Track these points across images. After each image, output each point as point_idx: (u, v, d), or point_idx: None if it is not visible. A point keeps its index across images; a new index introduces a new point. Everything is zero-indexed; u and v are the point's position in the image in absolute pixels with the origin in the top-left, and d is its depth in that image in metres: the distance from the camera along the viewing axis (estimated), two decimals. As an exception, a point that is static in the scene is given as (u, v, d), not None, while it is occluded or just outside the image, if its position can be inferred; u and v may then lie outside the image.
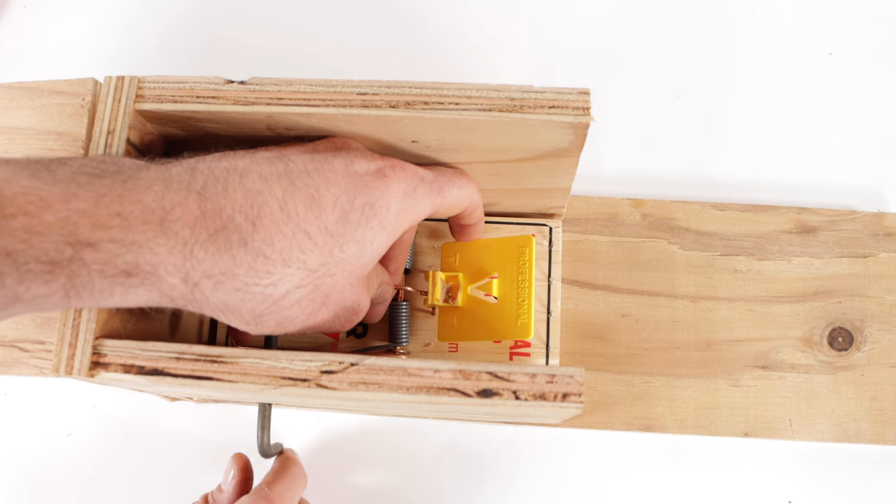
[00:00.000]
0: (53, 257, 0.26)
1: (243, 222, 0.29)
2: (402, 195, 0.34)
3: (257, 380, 0.31)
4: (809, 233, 0.49)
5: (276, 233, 0.30)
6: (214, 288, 0.29)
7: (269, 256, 0.30)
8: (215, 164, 0.31)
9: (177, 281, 0.29)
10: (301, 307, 0.32)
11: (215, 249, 0.29)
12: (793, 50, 0.53)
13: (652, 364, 0.47)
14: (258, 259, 0.30)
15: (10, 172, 0.26)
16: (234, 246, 0.29)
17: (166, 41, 0.55)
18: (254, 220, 0.30)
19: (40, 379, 0.49)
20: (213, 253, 0.29)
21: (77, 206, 0.26)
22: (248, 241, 0.29)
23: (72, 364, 0.32)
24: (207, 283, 0.29)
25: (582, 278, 0.48)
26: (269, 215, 0.30)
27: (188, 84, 0.35)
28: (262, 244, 0.30)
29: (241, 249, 0.29)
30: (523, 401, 0.30)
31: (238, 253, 0.29)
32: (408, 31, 0.54)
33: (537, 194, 0.43)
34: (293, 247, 0.30)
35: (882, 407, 0.47)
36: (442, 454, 0.48)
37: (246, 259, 0.29)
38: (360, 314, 0.35)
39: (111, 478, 0.48)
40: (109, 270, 0.27)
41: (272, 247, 0.30)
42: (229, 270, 0.29)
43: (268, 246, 0.30)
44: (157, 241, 0.28)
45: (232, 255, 0.29)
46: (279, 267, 0.30)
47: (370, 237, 0.33)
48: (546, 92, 0.33)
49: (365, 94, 0.34)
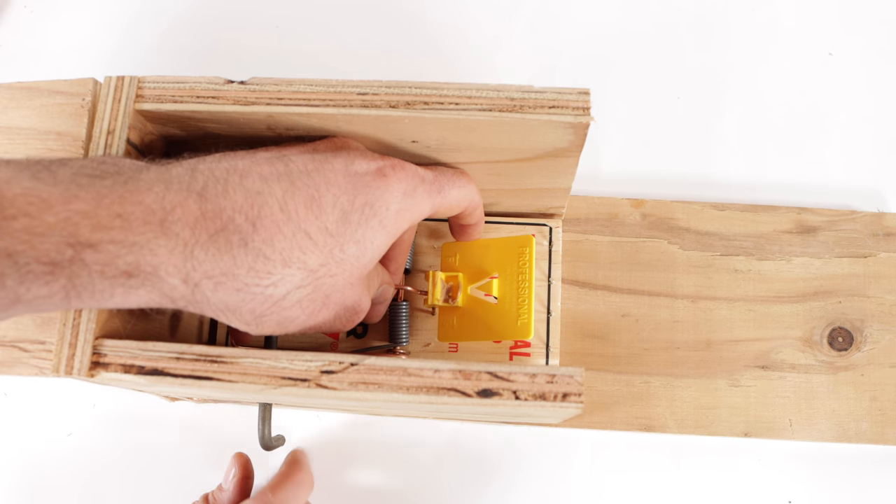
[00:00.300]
0: (54, 258, 0.26)
1: (243, 223, 0.29)
2: (402, 195, 0.34)
3: (257, 380, 0.31)
4: (809, 233, 0.49)
5: (277, 233, 0.30)
6: (215, 289, 0.29)
7: (269, 257, 0.30)
8: (215, 164, 0.31)
9: (177, 282, 0.29)
10: (302, 307, 0.32)
11: (216, 250, 0.29)
12: (793, 50, 0.53)
13: (652, 364, 0.47)
14: (258, 259, 0.30)
15: (11, 173, 0.26)
16: (234, 247, 0.29)
17: (166, 41, 0.55)
18: (254, 221, 0.30)
19: (40, 379, 0.49)
20: (213, 254, 0.29)
21: (78, 208, 0.26)
22: (249, 242, 0.29)
23: (72, 364, 0.32)
24: (208, 284, 0.29)
25: (582, 278, 0.48)
26: (269, 216, 0.30)
27: (188, 84, 0.35)
28: (262, 245, 0.30)
29: (241, 250, 0.29)
30: (523, 401, 0.30)
31: (238, 253, 0.29)
32: (408, 31, 0.54)
33: (537, 194, 0.43)
34: (293, 247, 0.30)
35: (882, 407, 0.47)
36: (442, 454, 0.48)
37: (246, 260, 0.29)
38: (360, 314, 0.35)
39: (111, 478, 0.48)
40: (110, 271, 0.27)
41: (272, 247, 0.30)
42: (230, 271, 0.29)
43: (268, 246, 0.30)
44: (157, 242, 0.28)
45: (232, 255, 0.29)
46: (279, 267, 0.30)
47: (370, 237, 0.33)
48: (546, 92, 0.33)
49: (365, 94, 0.34)
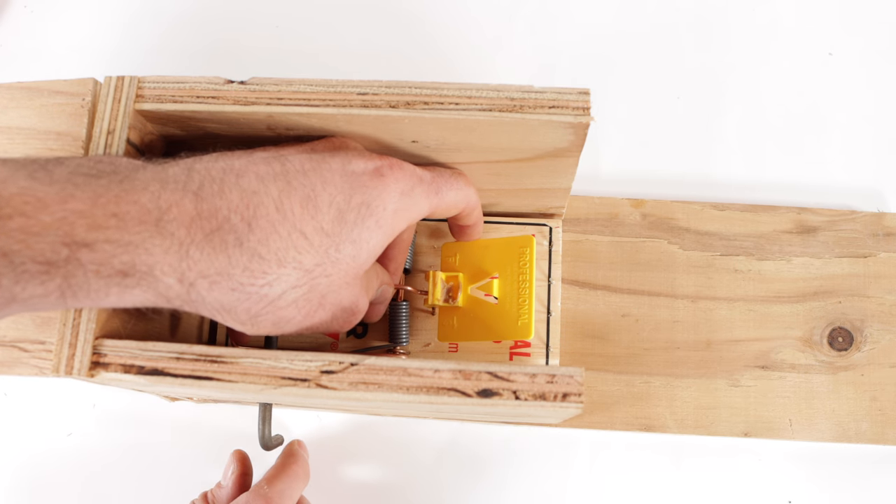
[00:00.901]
0: (50, 258, 0.26)
1: (239, 223, 0.30)
2: (400, 195, 0.34)
3: (257, 380, 0.31)
4: (809, 233, 0.49)
5: (272, 233, 0.30)
6: (210, 288, 0.29)
7: (264, 256, 0.30)
8: (212, 164, 0.31)
9: (173, 281, 0.29)
10: (297, 307, 0.32)
11: (211, 250, 0.29)
12: (793, 50, 0.53)
13: (652, 364, 0.47)
14: (253, 259, 0.30)
15: (7, 173, 0.26)
16: (229, 246, 0.29)
17: (166, 41, 0.55)
18: (249, 221, 0.30)
19: (40, 379, 0.49)
20: (208, 253, 0.29)
21: (73, 207, 0.26)
22: (244, 242, 0.29)
23: (72, 364, 0.32)
24: (203, 284, 0.29)
25: (582, 278, 0.48)
26: (264, 216, 0.30)
27: (188, 84, 0.35)
28: (257, 244, 0.30)
29: (236, 250, 0.29)
30: (523, 401, 0.30)
31: (234, 253, 0.29)
32: (408, 31, 0.54)
33: (537, 194, 0.43)
34: (289, 247, 0.30)
35: (882, 407, 0.47)
36: (442, 454, 0.48)
37: (241, 259, 0.29)
38: (358, 315, 0.35)
39: (111, 478, 0.48)
40: (105, 271, 0.27)
41: (267, 247, 0.30)
42: (225, 271, 0.29)
43: (263, 246, 0.30)
44: (152, 241, 0.28)
45: (227, 255, 0.29)
46: (275, 267, 0.30)
47: (366, 237, 0.33)
48: (546, 92, 0.33)
49: (365, 94, 0.34)
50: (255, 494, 0.40)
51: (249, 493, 0.40)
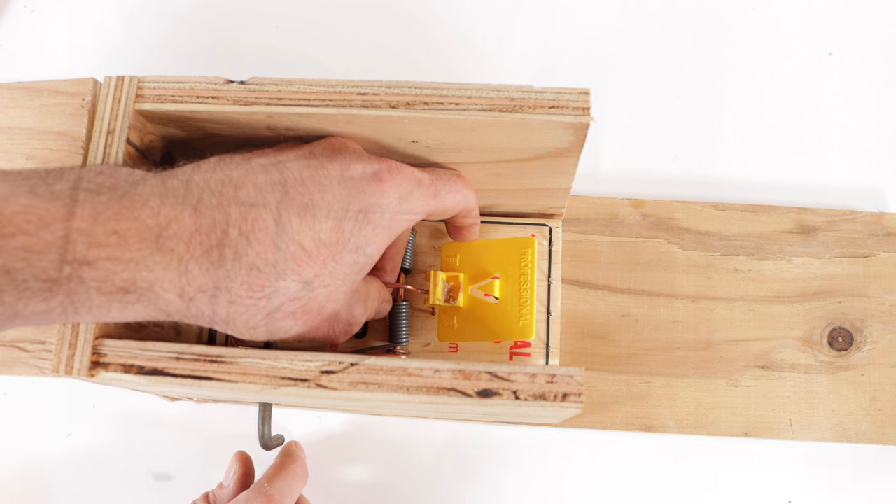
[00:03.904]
0: (52, 275, 0.26)
1: (237, 237, 0.30)
2: (398, 199, 0.34)
3: (257, 380, 0.31)
4: (809, 233, 0.49)
5: (270, 246, 0.30)
6: (209, 302, 0.29)
7: (262, 270, 0.30)
8: (210, 175, 0.31)
9: (173, 297, 0.29)
10: (295, 319, 0.32)
11: (210, 265, 0.29)
12: (793, 50, 0.53)
13: (652, 364, 0.47)
14: (252, 273, 0.30)
15: (9, 189, 0.26)
16: (228, 261, 0.29)
17: (166, 41, 0.55)
18: (248, 235, 0.30)
19: (40, 379, 0.49)
20: (207, 268, 0.29)
21: (75, 225, 0.27)
22: (243, 256, 0.30)
23: (72, 364, 0.32)
24: (202, 298, 0.29)
25: (582, 278, 0.48)
26: (263, 229, 0.30)
27: (188, 84, 0.35)
28: (255, 258, 0.30)
29: (235, 264, 0.29)
30: (523, 401, 0.30)
31: (232, 267, 0.29)
32: (408, 31, 0.54)
33: (537, 194, 0.43)
34: (287, 259, 0.30)
35: (882, 407, 0.47)
36: (442, 454, 0.48)
37: (240, 273, 0.30)
38: (355, 326, 0.36)
39: (111, 478, 0.48)
40: (107, 288, 0.27)
41: (266, 260, 0.30)
42: (223, 285, 0.29)
43: (261, 260, 0.30)
44: (153, 258, 0.28)
45: (226, 269, 0.29)
46: (273, 280, 0.30)
47: (364, 245, 0.33)
48: (546, 92, 0.33)
49: (365, 94, 0.34)
50: (255, 492, 0.40)
51: (250, 491, 0.40)
